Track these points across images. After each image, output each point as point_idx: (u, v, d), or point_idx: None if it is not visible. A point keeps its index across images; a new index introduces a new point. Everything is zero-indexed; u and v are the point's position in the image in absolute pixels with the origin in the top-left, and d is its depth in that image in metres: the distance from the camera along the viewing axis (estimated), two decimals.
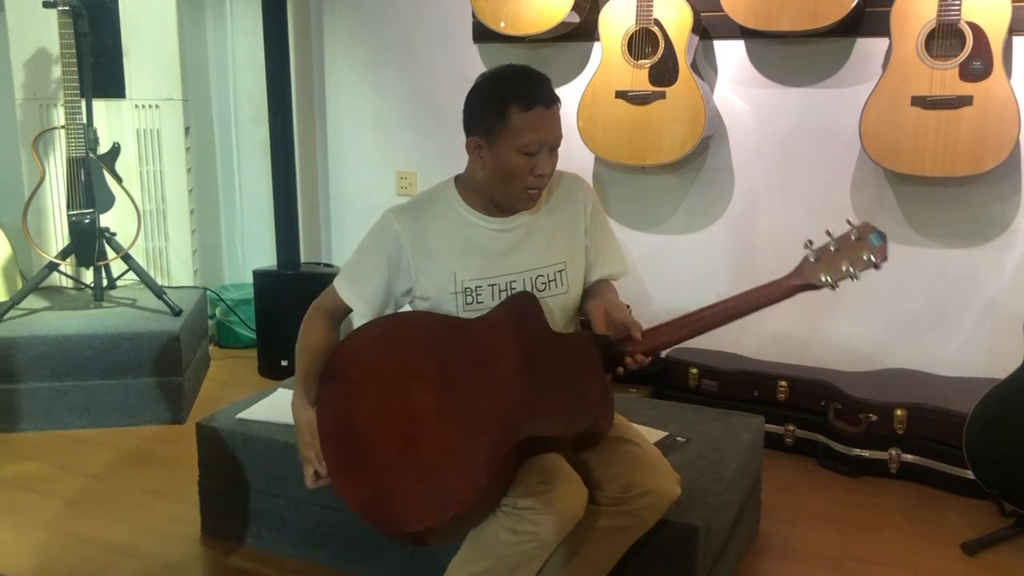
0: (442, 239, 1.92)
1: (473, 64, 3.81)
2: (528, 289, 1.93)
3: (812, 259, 1.79)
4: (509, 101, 1.80)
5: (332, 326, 2.02)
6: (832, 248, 1.78)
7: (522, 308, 1.86)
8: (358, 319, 1.97)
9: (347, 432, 1.82)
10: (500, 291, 1.91)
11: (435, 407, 1.79)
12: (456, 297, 1.91)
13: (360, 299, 1.97)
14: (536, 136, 1.81)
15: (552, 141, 1.85)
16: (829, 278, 1.77)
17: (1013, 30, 2.81)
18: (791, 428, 3.10)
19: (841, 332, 3.31)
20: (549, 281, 1.95)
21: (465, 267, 1.91)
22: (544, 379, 1.77)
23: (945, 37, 2.79)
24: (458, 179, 1.99)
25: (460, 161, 1.97)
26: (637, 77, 3.19)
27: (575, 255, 2.00)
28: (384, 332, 1.91)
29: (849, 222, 1.82)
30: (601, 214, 2.07)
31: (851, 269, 1.75)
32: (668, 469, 1.88)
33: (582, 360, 1.78)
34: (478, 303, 1.91)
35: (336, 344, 1.94)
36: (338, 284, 2.00)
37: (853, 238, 1.78)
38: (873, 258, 1.75)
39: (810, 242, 1.81)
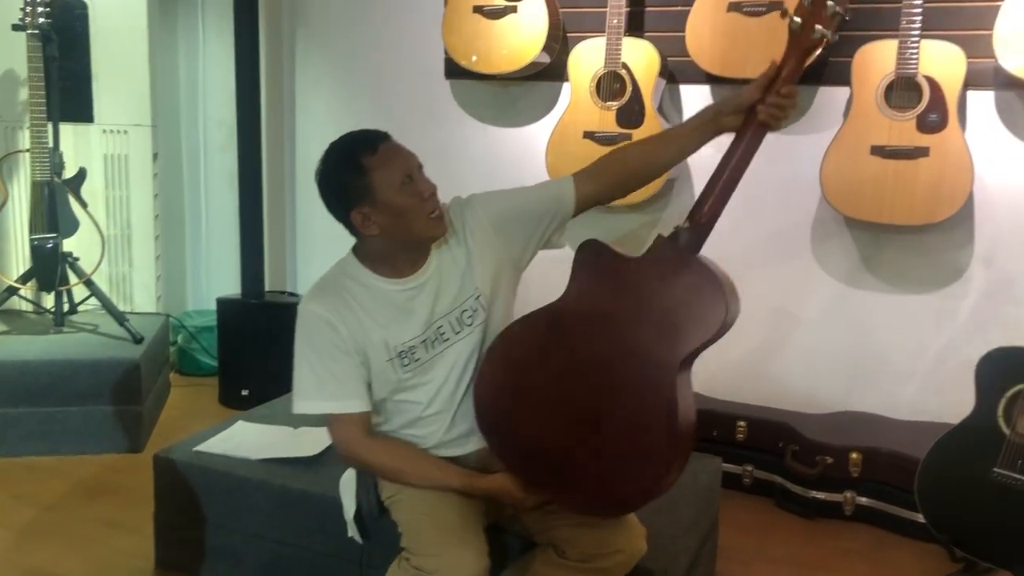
0: (364, 312, 1.85)
1: (444, 100, 3.85)
2: (454, 325, 1.89)
3: (795, 27, 1.76)
4: (356, 157, 1.80)
5: (373, 435, 1.93)
6: (807, 3, 1.74)
7: (590, 259, 1.85)
8: (354, 420, 1.87)
9: (540, 462, 1.83)
10: (432, 341, 1.88)
11: (593, 392, 1.79)
12: (392, 363, 1.87)
13: (354, 399, 1.86)
14: (400, 163, 1.80)
15: (414, 163, 1.83)
16: (823, 30, 1.73)
17: (968, 85, 2.90)
18: (749, 468, 3.13)
19: (799, 373, 3.35)
20: (472, 313, 1.90)
21: (393, 334, 1.86)
22: (660, 303, 1.76)
23: (904, 89, 2.87)
24: (357, 253, 1.92)
25: None
26: (605, 118, 3.24)
27: (491, 274, 1.92)
28: (504, 362, 1.88)
29: None
30: (499, 195, 1.99)
31: (835, 8, 1.71)
32: (637, 526, 1.89)
33: (674, 263, 1.78)
34: (415, 361, 1.88)
35: (398, 440, 1.94)
36: (318, 408, 1.86)
37: None
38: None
39: (784, 10, 1.78)
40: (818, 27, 1.72)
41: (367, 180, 1.78)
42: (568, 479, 1.82)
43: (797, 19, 1.74)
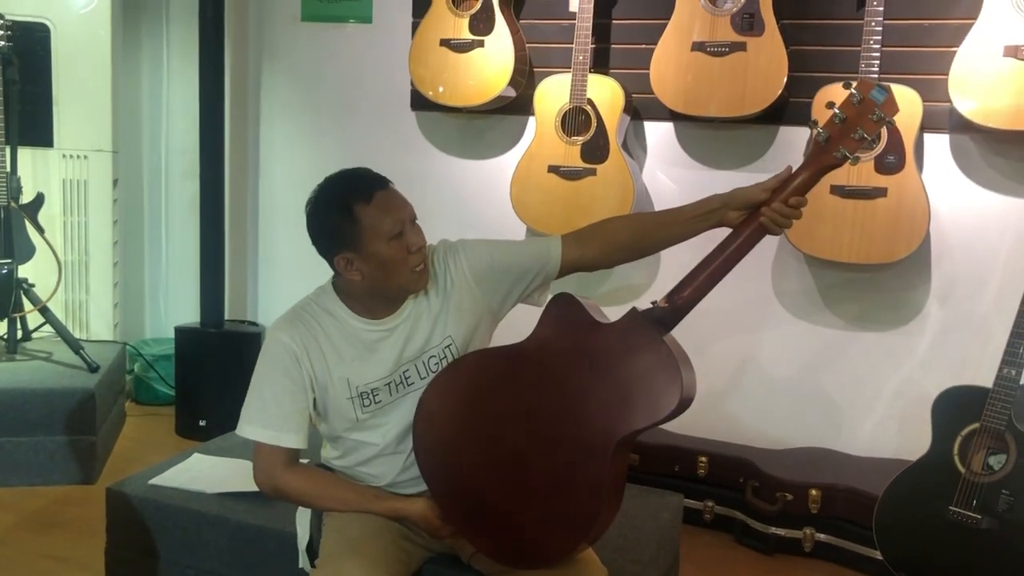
0: (331, 347, 1.84)
1: (410, 131, 3.85)
2: (420, 370, 1.88)
3: (822, 139, 1.71)
4: (350, 203, 1.77)
5: (293, 467, 1.88)
6: (838, 120, 1.70)
7: (561, 313, 1.83)
8: (279, 453, 1.85)
9: (464, 496, 1.83)
10: (396, 384, 1.87)
11: (529, 440, 1.78)
12: (352, 401, 1.86)
13: (290, 432, 1.83)
14: (393, 217, 1.78)
15: (408, 215, 1.82)
16: (846, 152, 1.69)
17: (924, 127, 2.96)
18: (710, 504, 3.14)
19: (760, 409, 3.38)
20: (441, 359, 1.89)
21: (357, 372, 1.85)
22: (615, 373, 1.75)
23: None
24: (336, 285, 1.90)
25: None
26: (569, 153, 3.26)
27: (466, 326, 1.91)
28: (452, 389, 1.87)
29: (844, 85, 1.72)
30: (486, 247, 1.94)
31: (863, 134, 1.68)
32: (598, 566, 1.86)
33: (640, 339, 1.75)
34: (375, 403, 1.87)
35: (316, 470, 1.94)
36: (254, 434, 1.84)
37: (855, 101, 1.68)
38: (883, 114, 1.67)
39: (814, 121, 1.73)
40: (842, 147, 1.69)
41: (356, 229, 1.76)
42: (485, 520, 1.81)
43: (824, 132, 1.72)
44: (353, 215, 1.76)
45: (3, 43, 3.44)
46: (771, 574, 2.86)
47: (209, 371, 3.80)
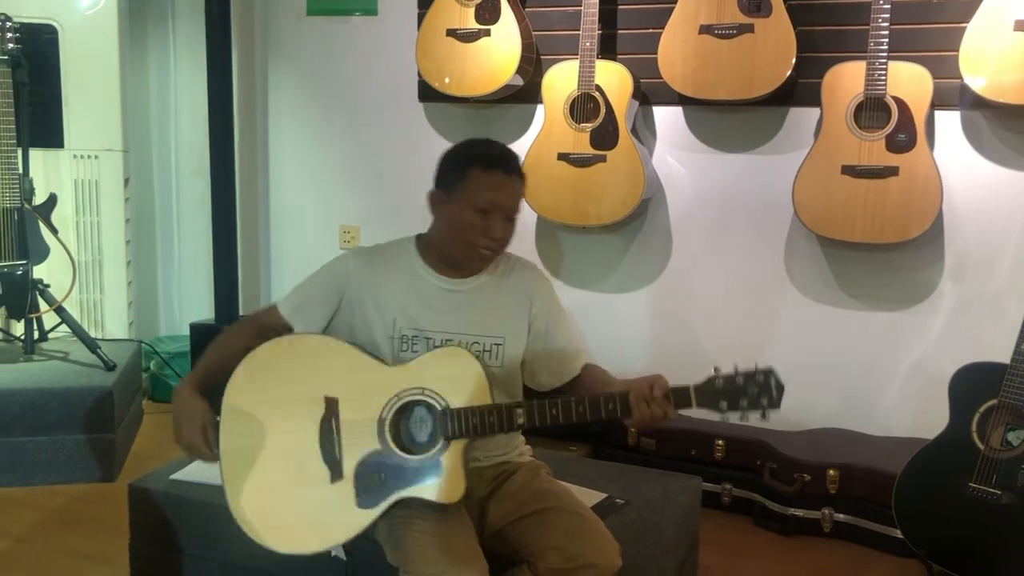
0: (390, 287, 1.97)
1: (418, 122, 3.86)
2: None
3: (720, 382, 1.80)
4: (474, 160, 1.91)
5: (258, 338, 1.98)
6: (740, 381, 1.79)
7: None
8: (273, 315, 2.06)
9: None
10: (435, 346, 1.93)
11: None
12: (392, 341, 1.95)
13: (303, 324, 2.01)
14: (491, 196, 1.89)
15: (507, 207, 1.91)
16: (725, 406, 1.80)
17: (934, 105, 2.95)
18: (728, 487, 3.14)
19: None
20: (484, 351, 1.97)
21: (406, 317, 1.95)
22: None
23: (873, 109, 2.92)
24: (419, 237, 2.05)
25: (403, 215, 2.02)
26: (579, 140, 3.26)
27: (514, 338, 2.02)
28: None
29: (757, 365, 1.82)
30: (558, 312, 2.10)
31: (745, 405, 1.80)
32: (610, 540, 1.87)
33: None
34: (413, 352, 1.94)
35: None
36: (283, 307, 2.04)
37: (760, 379, 1.79)
38: (767, 406, 1.79)
39: (717, 369, 1.83)
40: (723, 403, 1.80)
41: (461, 183, 1.90)
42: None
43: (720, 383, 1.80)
44: (468, 170, 1.90)
45: (12, 45, 3.45)
46: (791, 555, 2.87)
47: None
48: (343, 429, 1.86)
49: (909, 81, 2.88)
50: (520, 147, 3.55)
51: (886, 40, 2.84)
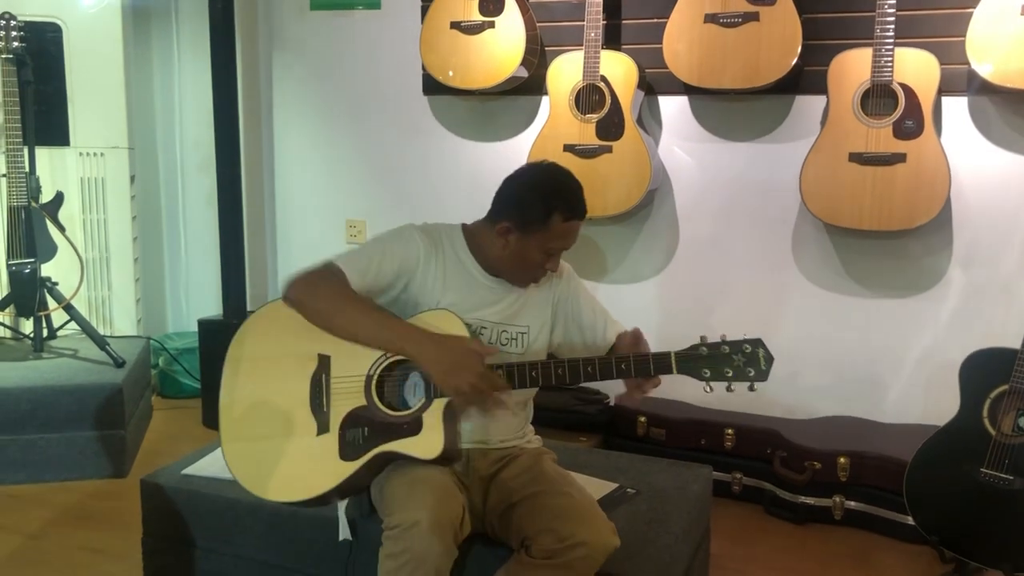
0: (441, 270, 2.02)
1: (422, 116, 3.85)
2: (492, 340, 2.04)
3: (704, 350, 1.88)
4: (556, 209, 1.95)
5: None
6: (726, 350, 1.87)
7: None
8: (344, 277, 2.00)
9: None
10: (471, 331, 1.98)
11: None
12: None
13: (360, 282, 1.95)
14: (564, 243, 2.00)
15: (568, 246, 2.02)
16: (708, 374, 1.88)
17: (942, 91, 2.93)
18: (738, 476, 3.14)
19: (784, 379, 3.36)
20: (511, 339, 2.07)
21: (449, 301, 2.00)
22: None
23: (879, 96, 2.90)
24: (466, 228, 2.10)
25: (410, 208, 2.03)
26: (584, 131, 3.25)
27: (539, 327, 2.11)
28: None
29: (745, 335, 1.90)
30: (580, 291, 2.20)
31: (730, 375, 1.87)
32: (602, 519, 1.88)
33: None
34: None
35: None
36: (348, 270, 1.95)
37: (747, 349, 1.88)
38: (754, 377, 1.86)
39: (703, 337, 1.90)
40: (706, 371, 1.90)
41: (540, 226, 1.95)
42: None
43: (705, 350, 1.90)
44: (548, 216, 1.95)
45: (17, 44, 3.46)
46: (802, 543, 2.87)
47: None
48: (333, 385, 1.94)
49: (916, 67, 2.87)
50: (525, 139, 3.56)
51: (892, 26, 2.83)
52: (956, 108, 3.03)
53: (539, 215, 1.95)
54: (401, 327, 1.93)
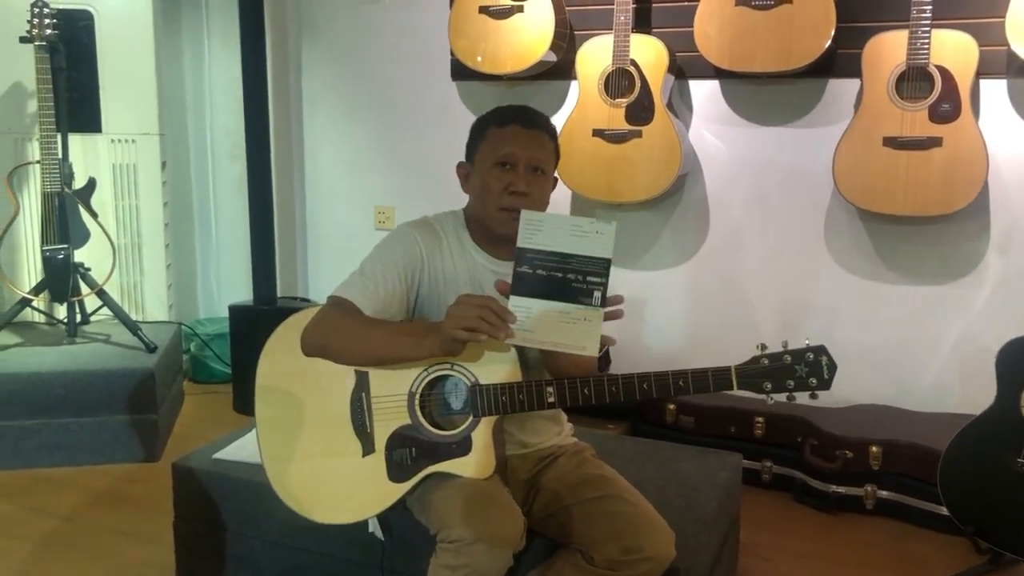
0: (450, 268, 1.95)
1: (451, 102, 3.84)
2: None
3: (766, 361, 1.77)
4: (489, 122, 1.93)
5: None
6: (787, 360, 1.76)
7: None
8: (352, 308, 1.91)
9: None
10: None
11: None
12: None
13: (371, 304, 1.86)
14: (508, 148, 1.87)
15: (528, 158, 1.87)
16: (770, 387, 1.77)
17: (980, 73, 2.88)
18: (768, 464, 3.11)
19: None
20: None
21: (453, 293, 1.90)
22: None
23: (915, 79, 2.85)
24: (466, 209, 2.03)
25: (438, 195, 2.00)
26: (614, 116, 3.23)
27: None
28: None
29: (807, 342, 1.78)
30: None
31: (792, 387, 1.77)
32: (665, 529, 1.84)
33: None
34: None
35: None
36: (354, 297, 1.85)
37: (810, 358, 1.76)
38: (816, 386, 1.76)
39: (762, 346, 1.79)
40: (767, 385, 1.79)
41: (479, 144, 1.92)
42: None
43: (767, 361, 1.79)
44: (483, 132, 1.92)
45: (50, 31, 3.48)
46: (833, 532, 2.84)
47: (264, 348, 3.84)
48: (374, 403, 1.87)
49: (953, 49, 2.81)
50: (555, 124, 3.53)
51: (929, 7, 2.77)
52: (995, 91, 2.97)
53: (477, 136, 1.94)
54: (413, 327, 1.89)
